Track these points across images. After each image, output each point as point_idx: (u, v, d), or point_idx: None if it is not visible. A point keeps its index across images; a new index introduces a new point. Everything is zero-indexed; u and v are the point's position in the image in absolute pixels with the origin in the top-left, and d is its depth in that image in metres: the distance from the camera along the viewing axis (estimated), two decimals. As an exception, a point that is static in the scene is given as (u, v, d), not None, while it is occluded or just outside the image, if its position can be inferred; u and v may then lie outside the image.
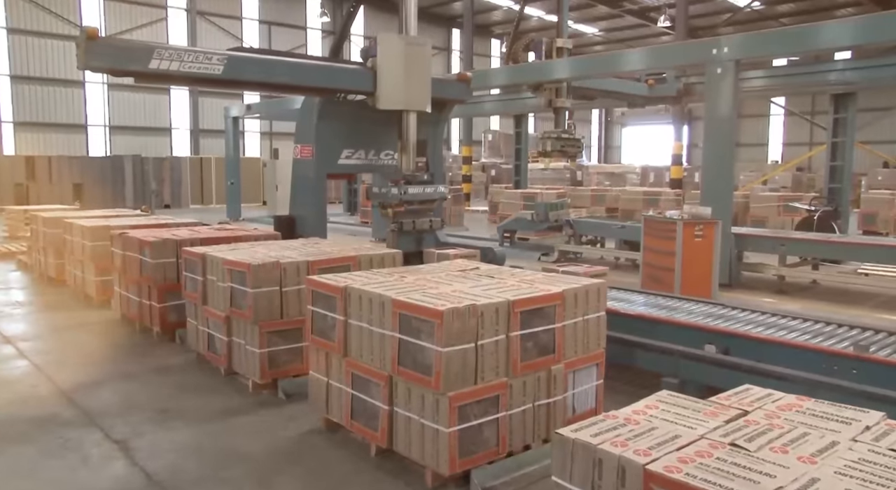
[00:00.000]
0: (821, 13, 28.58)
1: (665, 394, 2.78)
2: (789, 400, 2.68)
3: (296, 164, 7.11)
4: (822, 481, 1.98)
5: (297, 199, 7.23)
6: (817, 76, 11.72)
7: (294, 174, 7.25)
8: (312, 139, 6.85)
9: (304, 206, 7.09)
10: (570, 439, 2.35)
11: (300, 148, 6.99)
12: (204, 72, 5.67)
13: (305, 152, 6.94)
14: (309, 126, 6.92)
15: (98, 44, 5.23)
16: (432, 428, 3.25)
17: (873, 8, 26.08)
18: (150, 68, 5.41)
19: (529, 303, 3.43)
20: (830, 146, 12.15)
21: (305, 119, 7.03)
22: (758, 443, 2.26)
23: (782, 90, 15.37)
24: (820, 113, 17.86)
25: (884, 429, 2.39)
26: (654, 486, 2.07)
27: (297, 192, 7.22)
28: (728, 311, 5.12)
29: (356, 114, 6.70)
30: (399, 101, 6.56)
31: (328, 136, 6.89)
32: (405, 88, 6.54)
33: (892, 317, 6.77)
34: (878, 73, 10.76)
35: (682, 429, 2.38)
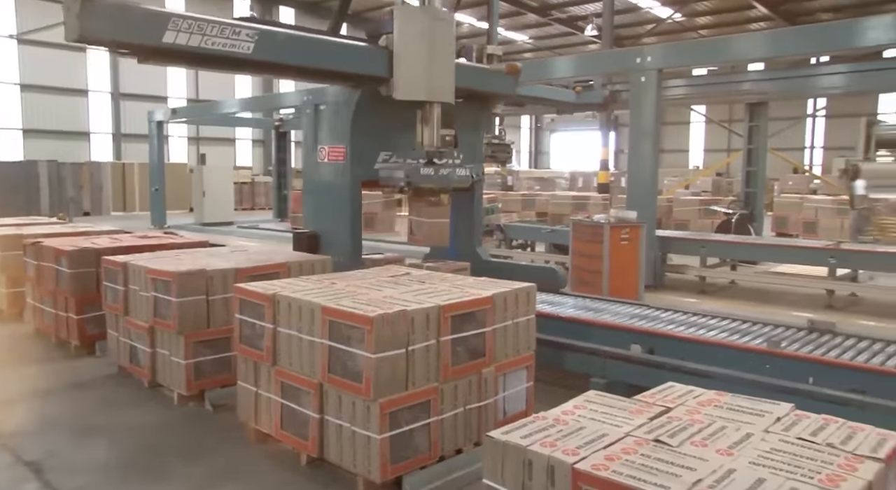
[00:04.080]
0: (736, 27, 29.92)
1: (593, 394, 2.85)
2: (709, 396, 2.79)
3: (321, 169, 5.82)
4: (737, 472, 2.07)
5: (323, 211, 5.83)
6: (733, 86, 12.25)
7: (315, 181, 5.92)
8: (347, 138, 5.55)
9: (333, 219, 5.69)
10: (500, 442, 2.37)
11: (328, 149, 5.71)
12: (231, 51, 4.38)
13: (336, 154, 5.65)
14: (342, 122, 5.61)
15: (98, 6, 3.95)
16: (363, 435, 3.23)
17: (783, 23, 27.51)
18: (163, 43, 4.13)
19: (460, 307, 3.45)
20: (746, 152, 12.72)
21: (337, 114, 5.71)
22: (680, 438, 2.34)
23: (702, 99, 15.96)
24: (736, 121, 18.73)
25: (793, 419, 2.52)
26: (582, 484, 2.12)
27: (323, 202, 5.82)
28: (653, 312, 5.28)
29: (394, 109, 5.34)
30: (421, 90, 5.24)
31: (366, 134, 5.60)
32: (428, 74, 5.24)
33: (802, 314, 7.12)
34: (788, 84, 11.33)
35: (608, 427, 2.44)
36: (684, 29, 30.94)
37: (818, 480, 2.02)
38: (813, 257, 8.77)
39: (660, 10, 28.24)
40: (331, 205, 5.74)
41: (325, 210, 5.83)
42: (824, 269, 8.58)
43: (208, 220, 17.24)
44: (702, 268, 9.56)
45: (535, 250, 11.76)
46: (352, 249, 5.54)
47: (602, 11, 23.93)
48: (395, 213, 17.51)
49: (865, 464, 2.14)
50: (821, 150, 34.08)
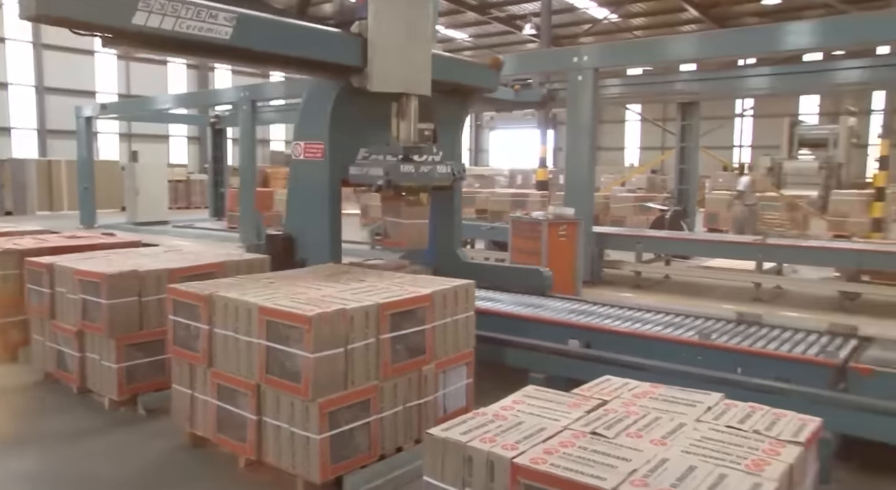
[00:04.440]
0: (669, 28, 30.75)
1: (531, 389, 2.88)
2: (644, 388, 2.86)
3: (297, 167, 5.38)
4: (670, 461, 2.13)
5: (298, 211, 5.38)
6: (666, 86, 12.59)
7: (293, 179, 5.48)
8: (325, 134, 5.12)
9: (309, 221, 5.28)
10: (440, 438, 2.38)
11: (304, 146, 5.26)
12: (207, 36, 4.00)
13: (313, 151, 5.21)
14: (320, 116, 5.18)
15: None
16: (302, 436, 3.19)
17: (712, 26, 28.43)
18: (132, 24, 3.73)
19: (399, 305, 3.45)
20: (679, 151, 13.10)
21: (314, 107, 5.25)
22: (616, 430, 2.39)
23: (637, 98, 16.40)
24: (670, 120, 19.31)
25: (722, 408, 2.61)
26: (521, 478, 2.14)
27: (299, 202, 5.39)
28: (590, 307, 5.39)
29: (376, 103, 4.98)
30: (397, 81, 4.86)
31: (346, 130, 5.20)
32: (405, 64, 4.87)
33: (732, 306, 7.38)
34: (717, 85, 11.72)
35: (547, 421, 2.48)
36: (620, 30, 31.61)
37: (744, 465, 2.10)
38: (741, 252, 9.11)
39: (596, 11, 28.77)
40: (307, 205, 5.30)
41: (302, 210, 5.36)
42: (752, 263, 8.92)
43: (141, 219, 16.75)
44: (637, 263, 9.80)
45: (475, 247, 11.85)
46: (330, 253, 5.13)
47: (540, 11, 24.25)
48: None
49: (787, 448, 2.24)
50: (748, 148, 35.34)
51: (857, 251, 8.27)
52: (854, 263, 8.10)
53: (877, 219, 14.14)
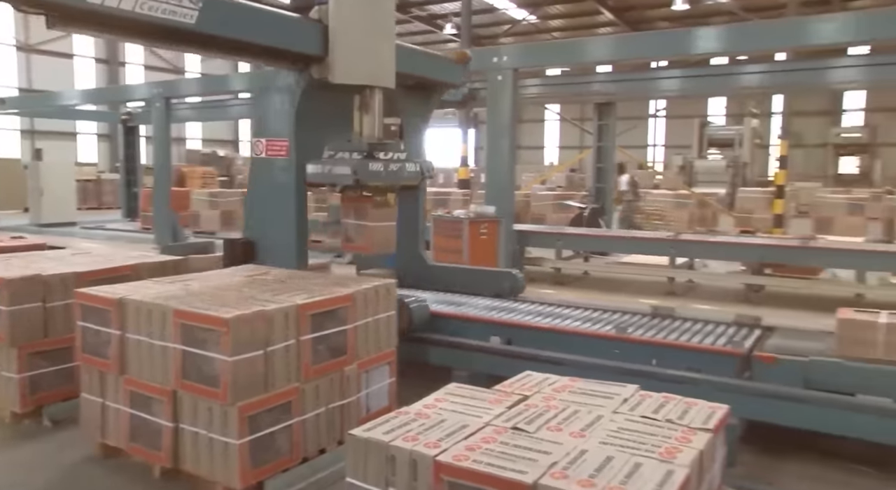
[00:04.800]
0: (586, 30, 31.55)
1: (454, 386, 2.90)
2: (563, 382, 2.93)
3: (257, 166, 4.94)
4: (589, 452, 2.19)
5: (260, 214, 4.94)
6: (583, 86, 12.91)
7: (254, 179, 5.03)
8: (291, 130, 4.74)
9: (272, 224, 4.87)
10: (362, 439, 2.37)
11: (266, 143, 4.86)
12: (170, 19, 3.64)
13: (277, 149, 4.82)
14: (285, 111, 4.77)
15: None
16: (221, 441, 3.10)
17: (627, 29, 29.37)
18: (88, 3, 3.35)
19: (319, 306, 3.40)
20: (596, 150, 13.46)
21: (278, 101, 4.84)
22: (536, 424, 2.44)
23: (555, 98, 16.73)
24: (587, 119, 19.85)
25: (638, 399, 2.70)
26: (443, 475, 2.15)
27: (260, 204, 4.95)
28: (511, 304, 5.46)
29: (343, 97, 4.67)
30: (361, 73, 4.50)
31: (313, 126, 4.78)
32: (369, 54, 4.50)
33: (647, 300, 7.65)
34: (631, 86, 12.11)
35: (469, 418, 2.50)
36: (538, 31, 32.20)
37: (658, 454, 2.18)
38: (655, 248, 9.44)
39: (515, 12, 29.22)
40: (270, 207, 4.87)
41: (264, 213, 4.92)
42: (665, 258, 9.26)
43: (47, 220, 15.89)
44: (557, 260, 10.02)
45: (398, 246, 11.82)
46: (297, 260, 4.78)
47: (461, 11, 24.41)
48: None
49: (698, 435, 2.34)
50: (662, 147, 36.66)
51: (761, 246, 8.72)
52: (758, 257, 8.54)
53: (778, 215, 14.93)
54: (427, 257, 6.18)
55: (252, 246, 4.91)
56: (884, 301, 7.63)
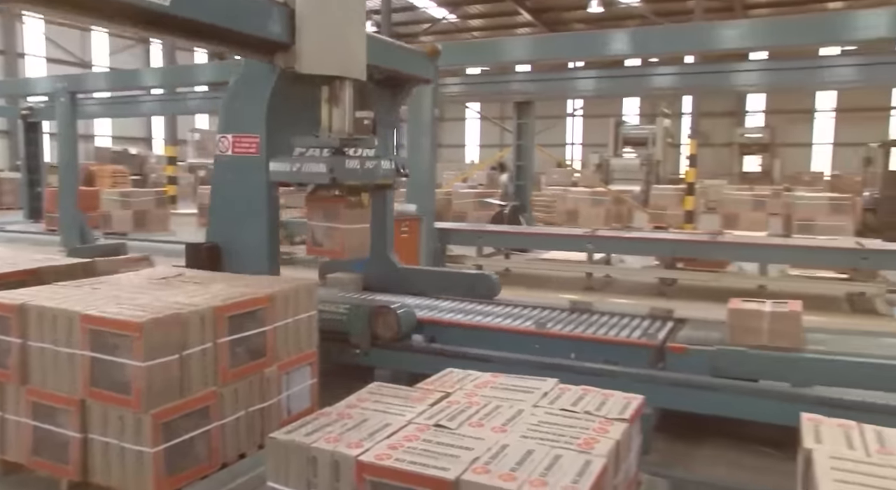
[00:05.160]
0: (505, 30, 32.01)
1: (376, 385, 2.89)
2: (485, 378, 2.95)
3: (224, 165, 4.61)
4: (510, 446, 2.22)
5: (226, 216, 4.64)
6: (502, 85, 13.08)
7: (219, 179, 4.74)
8: (262, 126, 4.44)
9: (240, 227, 4.58)
10: (282, 442, 2.33)
11: (233, 140, 4.54)
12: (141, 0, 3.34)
13: (245, 146, 4.49)
14: (255, 105, 4.46)
15: None
16: (134, 451, 2.98)
17: (544, 30, 29.96)
18: None
19: (236, 307, 3.32)
20: (516, 148, 13.67)
21: (247, 94, 4.55)
22: (458, 420, 2.45)
23: (476, 96, 16.90)
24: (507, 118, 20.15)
25: (557, 392, 2.76)
26: (366, 475, 2.14)
27: (226, 205, 4.64)
28: (433, 302, 5.48)
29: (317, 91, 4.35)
30: (331, 63, 4.16)
31: (286, 121, 4.51)
32: (339, 43, 4.17)
33: (567, 295, 7.85)
34: (549, 86, 12.36)
35: (391, 417, 2.49)
36: (458, 30, 32.43)
37: (577, 445, 2.24)
38: (574, 244, 9.68)
39: (435, 11, 29.33)
40: (238, 208, 4.58)
41: (231, 215, 4.62)
42: (583, 254, 9.51)
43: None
44: (479, 257, 10.13)
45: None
46: (269, 265, 4.51)
47: (380, 8, 24.31)
48: (168, 211, 16.39)
49: (615, 425, 2.41)
50: (580, 146, 37.59)
51: (673, 241, 9.09)
52: (670, 252, 8.88)
53: (689, 211, 15.58)
54: (396, 260, 6.01)
55: (217, 251, 4.61)
56: (783, 291, 8.10)
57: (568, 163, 32.27)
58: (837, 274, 8.49)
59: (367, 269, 5.75)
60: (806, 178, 27.78)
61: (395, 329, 4.54)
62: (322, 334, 4.42)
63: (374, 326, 4.58)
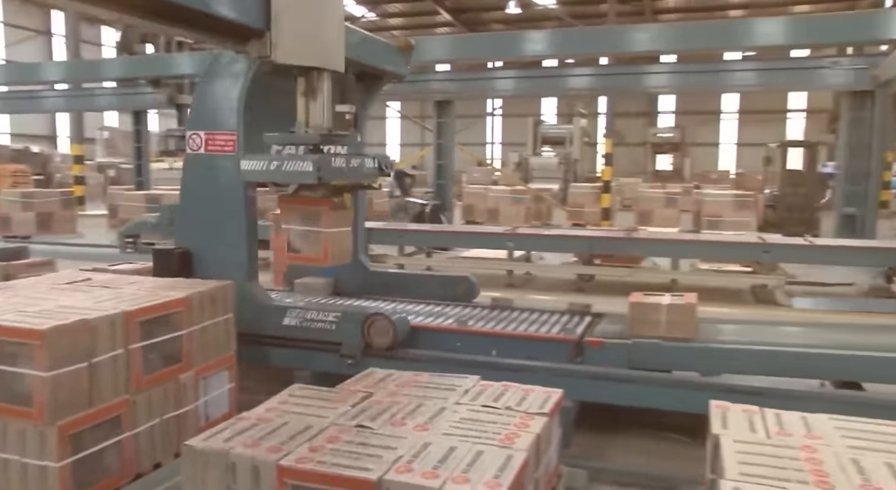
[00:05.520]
0: (424, 30, 32.09)
1: (297, 387, 2.85)
2: (407, 377, 2.96)
3: (194, 164, 4.39)
4: (433, 444, 2.23)
5: (197, 219, 4.43)
6: (423, 85, 13.13)
7: (189, 179, 4.48)
8: (238, 122, 4.22)
9: (214, 231, 4.36)
10: (199, 449, 2.27)
11: (205, 137, 4.30)
12: None
13: (220, 144, 4.25)
14: (230, 99, 4.24)
15: None
16: (37, 466, 2.82)
17: (463, 30, 30.21)
18: None
19: (148, 312, 3.19)
20: (436, 147, 13.74)
21: (221, 88, 4.29)
22: (381, 420, 2.45)
23: (396, 96, 16.86)
24: (428, 117, 20.21)
25: (479, 389, 2.79)
26: (287, 479, 2.11)
27: (198, 208, 4.42)
28: (354, 301, 5.44)
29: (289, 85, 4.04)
30: (308, 52, 3.86)
31: (263, 117, 4.22)
32: (317, 31, 3.90)
33: (488, 293, 7.93)
34: (469, 85, 12.49)
35: (312, 419, 2.47)
36: (378, 28, 32.24)
37: (499, 440, 2.27)
38: (494, 242, 9.80)
39: (354, 8, 29.09)
40: (211, 211, 4.35)
41: (203, 218, 4.38)
42: (504, 251, 9.64)
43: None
44: (401, 256, 10.12)
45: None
46: (248, 272, 4.34)
47: (298, 5, 23.88)
48: (75, 213, 15.62)
49: (535, 420, 2.46)
50: (499, 145, 38.10)
51: (590, 238, 9.33)
52: (587, 248, 9.12)
53: (605, 208, 16.04)
54: (368, 263, 5.77)
55: (188, 257, 4.37)
56: (693, 284, 8.46)
57: (488, 162, 32.67)
58: (742, 267, 8.93)
59: (338, 273, 5.48)
60: (713, 176, 29.12)
61: (391, 337, 4.26)
62: (308, 343, 4.39)
63: (368, 335, 4.29)
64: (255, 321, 4.40)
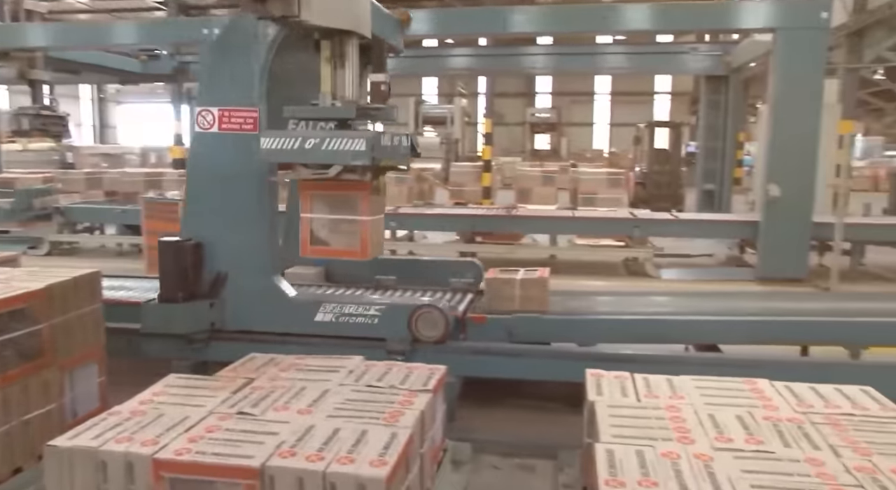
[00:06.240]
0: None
1: (173, 378, 2.74)
2: (290, 360, 2.91)
3: (206, 145, 3.95)
4: (316, 427, 2.21)
5: (209, 207, 4.02)
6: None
7: (199, 161, 4.06)
8: (260, 96, 3.78)
9: (229, 221, 3.97)
10: (64, 449, 2.14)
11: (219, 114, 3.80)
12: None
13: (237, 121, 3.79)
14: (251, 70, 3.76)
15: None
16: None
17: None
18: None
19: (4, 304, 2.95)
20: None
21: (237, 60, 3.78)
22: (263, 406, 2.40)
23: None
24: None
25: (363, 369, 2.79)
26: (164, 473, 2.03)
27: (210, 195, 3.99)
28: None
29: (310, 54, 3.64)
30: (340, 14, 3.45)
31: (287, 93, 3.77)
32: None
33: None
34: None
35: (190, 409, 2.38)
36: (253, 3, 31.07)
37: (383, 419, 2.29)
38: (379, 222, 9.74)
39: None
40: (226, 198, 3.92)
41: (215, 207, 3.97)
42: (387, 231, 9.61)
43: None
44: (283, 239, 9.89)
45: (104, 233, 10.76)
46: (270, 265, 4.00)
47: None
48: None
49: (419, 397, 2.49)
50: (382, 125, 37.81)
51: (472, 216, 9.50)
52: (469, 227, 9.29)
53: (486, 187, 16.33)
54: None
55: (200, 249, 3.96)
56: (570, 259, 8.83)
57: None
58: (615, 242, 9.40)
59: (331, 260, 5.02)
60: (588, 155, 30.31)
61: (442, 329, 3.98)
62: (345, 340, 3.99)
63: (416, 328, 4.00)
64: (282, 319, 4.07)
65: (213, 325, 4.13)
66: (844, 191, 7.30)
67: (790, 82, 7.87)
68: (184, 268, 3.94)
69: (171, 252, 3.99)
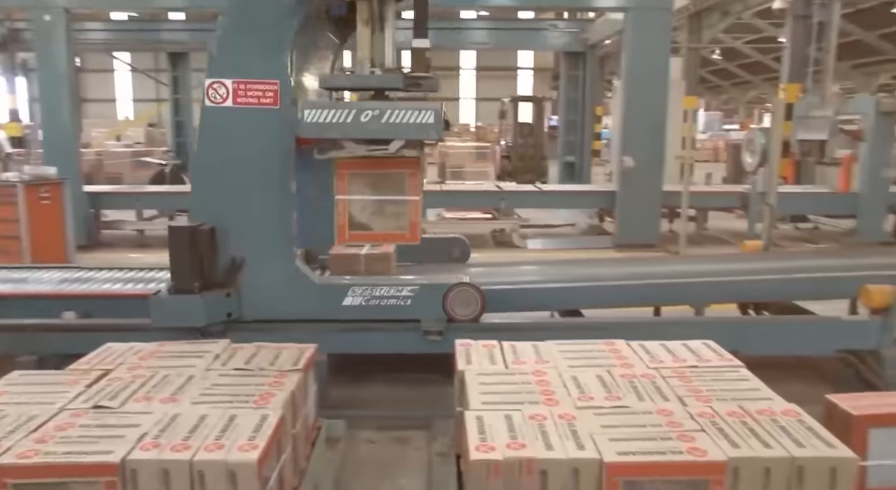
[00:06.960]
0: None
1: (16, 375, 2.54)
2: (150, 348, 2.77)
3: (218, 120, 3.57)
4: (182, 415, 2.13)
5: (222, 189, 3.68)
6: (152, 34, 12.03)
7: (210, 138, 3.64)
8: (283, 68, 3.45)
9: (244, 203, 3.65)
10: None
11: (234, 86, 3.44)
12: None
13: (255, 95, 3.45)
14: (269, 39, 3.44)
15: None
16: None
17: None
18: None
19: None
20: (173, 102, 12.76)
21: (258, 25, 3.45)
22: (121, 398, 2.28)
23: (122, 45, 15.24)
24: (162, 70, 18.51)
25: (231, 352, 2.71)
26: (8, 480, 1.87)
27: (223, 175, 3.65)
28: (86, 274, 4.90)
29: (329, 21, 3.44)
30: None
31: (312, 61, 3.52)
32: None
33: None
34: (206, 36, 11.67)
35: (38, 407, 2.21)
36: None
37: (253, 402, 2.23)
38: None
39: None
40: (242, 178, 3.61)
41: (228, 188, 3.65)
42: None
43: None
44: (140, 221, 9.36)
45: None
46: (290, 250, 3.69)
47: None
48: None
49: (289, 377, 2.45)
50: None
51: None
52: (340, 204, 9.17)
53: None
54: None
55: (213, 234, 3.61)
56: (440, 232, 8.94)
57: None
58: (483, 214, 9.63)
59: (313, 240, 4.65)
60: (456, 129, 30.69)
61: (478, 307, 3.82)
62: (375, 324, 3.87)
63: (450, 306, 3.81)
64: (308, 305, 3.81)
65: (230, 316, 3.78)
66: (690, 162, 7.85)
67: (640, 59, 8.33)
68: (199, 255, 3.63)
69: (183, 238, 3.63)
